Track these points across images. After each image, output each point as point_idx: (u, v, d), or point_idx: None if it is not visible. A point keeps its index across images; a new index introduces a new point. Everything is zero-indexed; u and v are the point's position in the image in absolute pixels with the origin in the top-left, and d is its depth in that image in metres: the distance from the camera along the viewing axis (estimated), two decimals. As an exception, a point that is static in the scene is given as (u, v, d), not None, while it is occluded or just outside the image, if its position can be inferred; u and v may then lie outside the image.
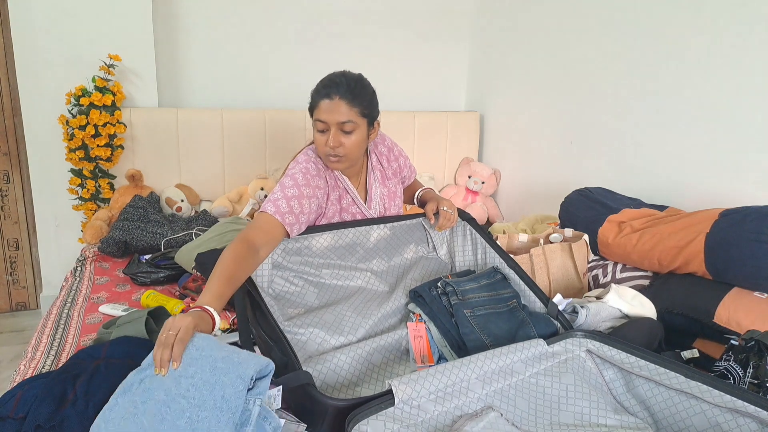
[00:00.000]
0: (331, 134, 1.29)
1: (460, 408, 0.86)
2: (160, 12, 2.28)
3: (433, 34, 2.82)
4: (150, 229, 1.98)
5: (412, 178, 1.66)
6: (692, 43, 1.72)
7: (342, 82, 1.29)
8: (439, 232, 1.47)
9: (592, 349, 1.05)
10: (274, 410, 0.86)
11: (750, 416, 0.84)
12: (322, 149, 1.32)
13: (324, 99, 1.29)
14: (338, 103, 1.27)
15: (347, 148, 1.31)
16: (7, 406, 0.95)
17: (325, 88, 1.30)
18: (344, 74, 1.33)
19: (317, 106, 1.30)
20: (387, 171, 1.54)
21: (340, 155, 1.31)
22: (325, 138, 1.30)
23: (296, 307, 1.21)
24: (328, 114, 1.28)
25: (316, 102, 1.31)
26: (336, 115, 1.28)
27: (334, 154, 1.31)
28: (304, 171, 1.32)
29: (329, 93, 1.28)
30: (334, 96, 1.28)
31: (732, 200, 1.54)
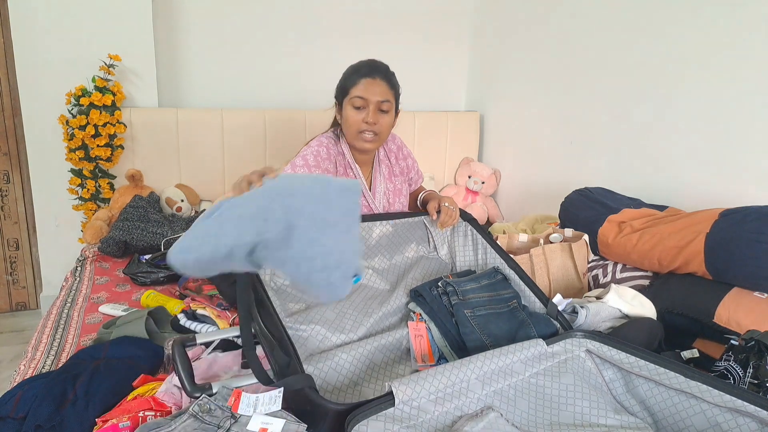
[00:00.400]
0: (371, 111, 1.36)
1: (460, 408, 0.86)
2: (160, 12, 2.28)
3: (433, 35, 2.82)
4: (150, 229, 1.98)
5: (418, 183, 1.69)
6: (692, 43, 1.72)
7: (381, 66, 1.41)
8: (441, 229, 1.48)
9: (592, 349, 1.05)
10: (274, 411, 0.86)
11: (750, 416, 0.84)
12: (357, 126, 1.37)
13: (365, 78, 1.37)
14: (380, 83, 1.37)
15: (382, 126, 1.39)
16: (7, 406, 0.95)
17: (366, 68, 1.39)
18: (379, 60, 1.44)
19: (356, 84, 1.37)
20: (394, 168, 1.57)
21: (376, 132, 1.38)
22: (362, 115, 1.36)
23: (297, 301, 1.22)
24: (369, 92, 1.36)
25: (354, 80, 1.38)
26: (377, 93, 1.36)
27: (370, 130, 1.37)
28: (315, 154, 1.38)
29: (371, 73, 1.38)
30: (376, 76, 1.37)
31: (732, 200, 1.54)
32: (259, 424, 0.83)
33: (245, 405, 0.85)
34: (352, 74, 1.40)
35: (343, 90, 1.41)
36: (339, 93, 1.43)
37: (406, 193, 1.62)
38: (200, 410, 0.84)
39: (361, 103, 1.36)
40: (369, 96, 1.36)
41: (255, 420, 0.83)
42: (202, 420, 0.83)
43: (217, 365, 1.10)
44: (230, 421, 0.83)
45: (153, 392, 1.00)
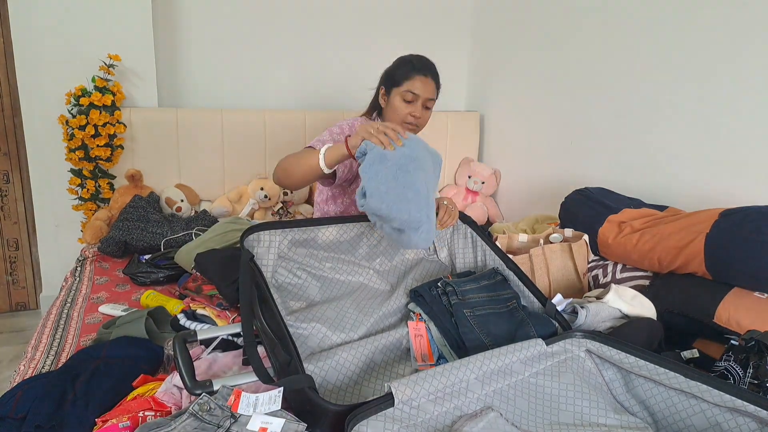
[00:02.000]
0: (419, 106, 1.49)
1: (460, 408, 0.86)
2: (160, 12, 2.28)
3: (433, 35, 2.82)
4: (150, 229, 1.98)
5: None
6: (692, 43, 1.72)
7: (432, 66, 1.53)
8: (440, 229, 1.48)
9: (592, 349, 1.05)
10: (273, 411, 0.86)
11: (749, 415, 0.84)
12: (403, 116, 1.50)
13: (421, 75, 1.49)
14: (431, 83, 1.50)
15: (423, 121, 1.53)
16: (7, 406, 0.95)
17: (423, 66, 1.50)
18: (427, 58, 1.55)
19: (410, 79, 1.48)
20: None
21: (418, 125, 1.52)
22: (410, 108, 1.49)
23: (298, 299, 1.22)
24: (423, 89, 1.48)
25: (410, 75, 1.49)
26: (428, 92, 1.50)
27: (414, 122, 1.51)
28: (350, 125, 1.52)
29: (426, 72, 1.50)
30: (429, 75, 1.50)
31: (732, 200, 1.54)
32: (259, 423, 0.83)
33: (245, 405, 0.85)
34: (407, 68, 1.50)
35: (395, 80, 1.51)
36: (389, 81, 1.54)
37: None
38: (200, 409, 0.84)
39: (412, 98, 1.48)
40: (422, 92, 1.48)
41: (255, 420, 0.83)
42: (201, 419, 0.83)
43: (217, 365, 1.10)
44: (230, 420, 0.84)
45: (153, 392, 1.00)
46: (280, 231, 1.24)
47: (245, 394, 0.86)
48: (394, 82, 1.52)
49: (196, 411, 0.84)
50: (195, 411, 0.84)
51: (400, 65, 1.54)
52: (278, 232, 1.23)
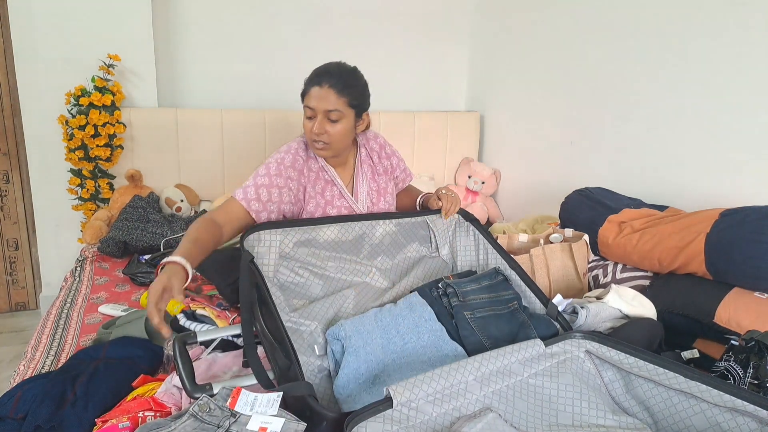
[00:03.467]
0: (318, 121, 1.32)
1: (459, 409, 0.86)
2: (159, 12, 2.28)
3: (433, 34, 2.82)
4: (149, 229, 1.98)
5: (407, 182, 1.66)
6: (692, 43, 1.72)
7: (334, 72, 1.33)
8: (446, 218, 1.47)
9: (591, 349, 1.05)
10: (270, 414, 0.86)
11: (749, 415, 0.84)
12: (309, 135, 1.36)
13: (314, 86, 1.32)
14: (327, 92, 1.31)
15: (331, 136, 1.34)
16: (6, 406, 0.95)
17: (318, 76, 1.33)
18: (339, 64, 1.37)
19: (308, 93, 1.34)
20: (377, 167, 1.55)
21: (325, 142, 1.35)
22: (311, 124, 1.34)
23: (301, 298, 1.22)
24: (317, 101, 1.32)
25: (307, 89, 1.35)
26: (324, 102, 1.31)
27: (319, 140, 1.35)
28: (279, 161, 1.36)
29: (320, 81, 1.32)
30: (324, 84, 1.31)
31: (732, 200, 1.54)
32: (259, 423, 0.83)
33: (243, 403, 0.85)
34: (306, 82, 1.36)
35: (302, 97, 1.38)
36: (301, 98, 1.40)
37: (392, 191, 1.60)
38: (200, 410, 0.84)
39: (310, 113, 1.34)
40: (316, 105, 1.32)
41: (254, 419, 0.83)
42: (201, 420, 0.83)
43: (216, 365, 1.10)
44: (230, 420, 0.84)
45: (152, 392, 1.00)
46: (281, 230, 1.24)
47: (245, 392, 0.86)
48: (302, 98, 1.37)
49: (196, 412, 0.84)
50: (195, 412, 0.84)
51: (305, 80, 1.38)
52: (279, 231, 1.23)
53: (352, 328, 1.06)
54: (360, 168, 1.51)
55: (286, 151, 1.39)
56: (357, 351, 1.02)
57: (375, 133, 1.59)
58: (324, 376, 1.07)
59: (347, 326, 1.07)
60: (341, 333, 1.06)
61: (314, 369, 1.06)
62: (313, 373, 1.05)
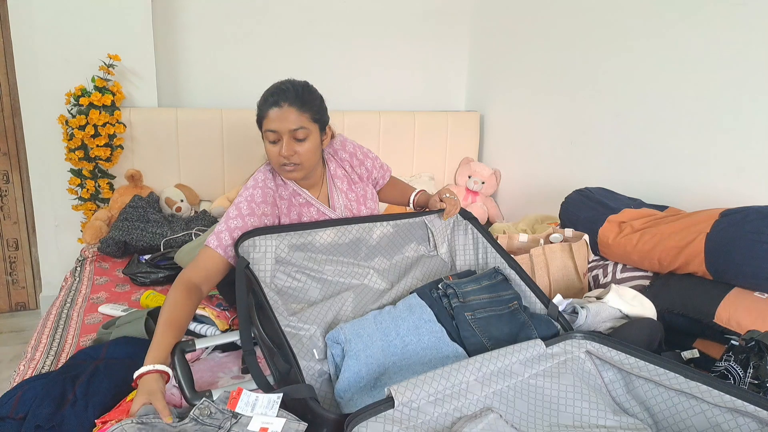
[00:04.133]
0: (285, 143, 1.24)
1: (459, 410, 0.86)
2: (159, 12, 2.28)
3: (433, 34, 2.82)
4: (149, 229, 1.98)
5: (386, 177, 1.60)
6: (692, 43, 1.72)
7: (289, 89, 1.25)
8: (445, 219, 1.47)
9: (592, 350, 1.05)
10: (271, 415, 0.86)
11: (750, 415, 0.84)
12: (276, 160, 1.27)
13: (272, 108, 1.24)
14: (288, 111, 1.23)
15: (302, 155, 1.26)
16: (6, 406, 0.95)
17: (273, 96, 1.25)
18: (290, 81, 1.29)
19: (266, 117, 1.25)
20: (352, 176, 1.49)
21: (296, 163, 1.27)
22: (278, 148, 1.25)
23: (299, 302, 1.21)
24: (279, 123, 1.23)
25: (264, 112, 1.26)
26: (286, 123, 1.23)
27: (289, 162, 1.26)
28: (249, 199, 1.28)
29: (277, 101, 1.23)
30: (283, 103, 1.23)
31: (732, 200, 1.54)
32: (260, 423, 0.83)
33: (243, 403, 0.85)
34: (260, 105, 1.28)
35: (258, 122, 1.30)
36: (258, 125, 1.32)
37: (372, 195, 1.54)
38: (200, 414, 0.84)
39: (274, 137, 1.25)
40: (278, 128, 1.23)
41: (255, 420, 0.83)
42: (203, 423, 0.83)
43: (216, 366, 1.10)
44: (231, 421, 0.84)
45: (152, 393, 0.99)
46: (276, 235, 1.22)
47: (246, 392, 0.86)
48: (258, 125, 1.30)
49: (197, 416, 0.84)
50: (196, 416, 0.84)
51: (258, 104, 1.30)
52: (274, 236, 1.21)
53: (352, 332, 1.06)
54: (332, 184, 1.45)
55: (254, 186, 1.31)
56: (357, 354, 1.02)
57: (342, 140, 1.51)
58: (324, 380, 1.06)
59: (347, 330, 1.07)
60: (341, 337, 1.06)
61: (314, 373, 1.06)
62: (314, 378, 1.05)
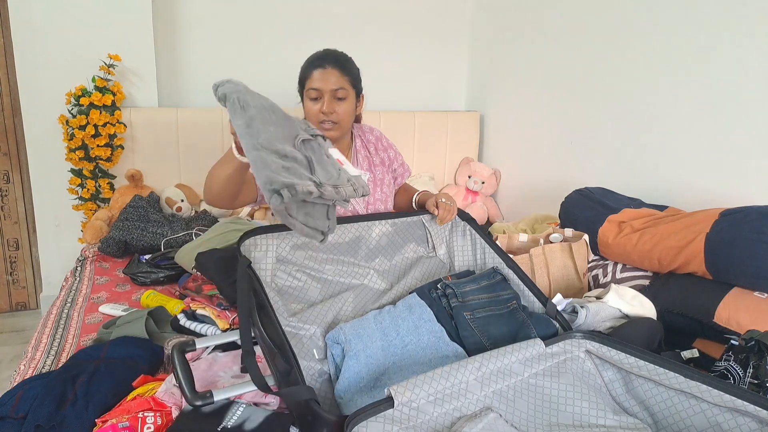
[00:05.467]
0: (326, 101, 1.37)
1: (459, 409, 0.86)
2: (160, 12, 2.28)
3: (433, 34, 2.82)
4: (150, 229, 1.98)
5: (405, 177, 1.68)
6: (692, 43, 1.72)
7: (332, 55, 1.41)
8: (440, 225, 1.47)
9: (591, 349, 1.05)
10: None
11: (750, 415, 0.84)
12: (316, 117, 1.38)
13: (317, 69, 1.38)
14: (331, 72, 1.37)
15: (340, 114, 1.39)
16: (7, 406, 0.95)
17: (318, 60, 1.39)
18: (333, 50, 1.44)
19: (309, 77, 1.39)
20: (374, 158, 1.58)
21: (334, 122, 1.39)
22: (318, 106, 1.37)
23: (299, 302, 1.22)
24: (322, 82, 1.37)
25: (307, 73, 1.39)
26: (329, 83, 1.37)
27: (328, 119, 1.38)
28: None
29: (322, 63, 1.38)
30: (327, 65, 1.38)
31: (732, 200, 1.54)
32: (338, 155, 1.02)
33: None
34: (304, 68, 1.42)
35: (300, 83, 1.43)
36: (299, 87, 1.45)
37: (390, 184, 1.61)
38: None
39: (316, 95, 1.38)
40: (322, 86, 1.37)
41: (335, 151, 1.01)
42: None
43: (216, 365, 1.10)
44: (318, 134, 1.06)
45: (153, 392, 1.00)
46: (277, 234, 1.23)
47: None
48: (301, 85, 1.44)
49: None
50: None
51: (301, 68, 1.44)
52: (275, 235, 1.22)
53: (352, 332, 1.06)
54: (356, 157, 1.54)
55: None
56: (357, 354, 1.02)
57: (371, 126, 1.62)
58: (324, 380, 1.06)
59: (347, 330, 1.07)
60: (341, 337, 1.06)
61: (314, 373, 1.06)
62: (314, 378, 1.05)
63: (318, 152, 1.01)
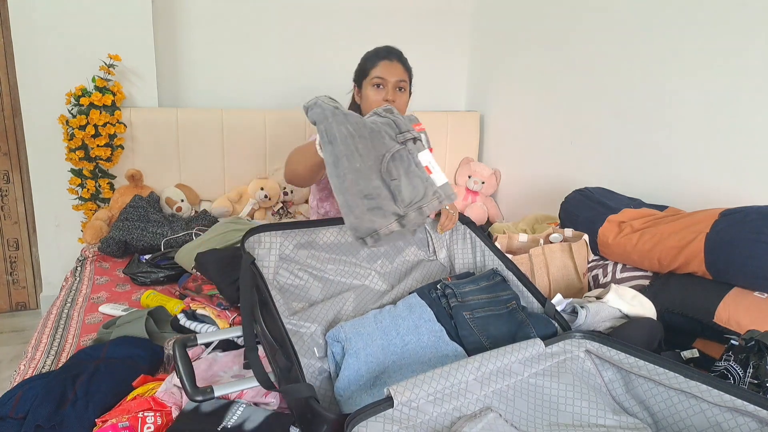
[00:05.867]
0: (389, 89, 1.49)
1: (459, 409, 0.86)
2: (160, 12, 2.28)
3: (434, 34, 2.82)
4: (150, 229, 1.98)
5: None
6: (692, 43, 1.72)
7: (396, 51, 1.54)
8: (440, 233, 1.48)
9: (591, 349, 1.05)
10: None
11: (750, 415, 0.84)
12: (378, 103, 1.47)
13: (384, 60, 1.50)
14: (396, 65, 1.51)
15: (398, 104, 1.50)
16: (7, 406, 0.95)
17: (385, 52, 1.52)
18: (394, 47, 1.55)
19: (375, 66, 1.50)
20: None
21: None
22: (381, 94, 1.49)
23: (300, 300, 1.22)
24: (388, 72, 1.49)
25: (374, 63, 1.50)
26: (394, 75, 1.49)
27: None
28: None
29: (389, 56, 1.51)
30: (393, 59, 1.51)
31: (732, 200, 1.54)
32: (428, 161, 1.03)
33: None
34: (371, 58, 1.53)
35: (363, 72, 1.53)
36: (358, 75, 1.56)
37: None
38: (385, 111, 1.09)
39: (381, 82, 1.49)
40: (387, 76, 1.48)
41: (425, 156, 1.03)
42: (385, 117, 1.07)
43: (217, 365, 1.10)
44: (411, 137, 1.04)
45: (153, 392, 1.00)
46: (281, 232, 1.24)
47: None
48: (363, 74, 1.54)
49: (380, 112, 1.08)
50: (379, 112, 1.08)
51: (365, 57, 1.56)
52: (279, 233, 1.24)
53: (352, 330, 1.06)
54: None
55: None
56: (357, 353, 1.02)
57: None
58: (324, 378, 1.07)
59: (347, 328, 1.07)
60: (341, 335, 1.06)
61: (315, 371, 1.06)
62: (314, 375, 1.06)
63: (407, 162, 1.01)
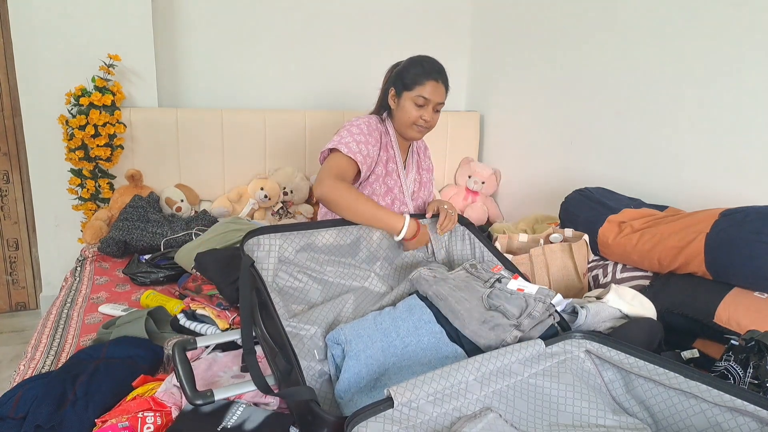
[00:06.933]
0: (430, 110, 1.52)
1: (459, 409, 0.86)
2: (160, 12, 2.28)
3: (433, 34, 2.82)
4: (150, 229, 1.98)
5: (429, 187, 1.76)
6: (692, 43, 1.72)
7: (443, 70, 1.54)
8: (440, 234, 1.48)
9: (591, 349, 1.05)
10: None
11: (750, 415, 0.84)
12: (415, 120, 1.52)
13: (432, 80, 1.50)
14: (441, 87, 1.52)
15: (433, 123, 1.55)
16: (6, 406, 0.95)
17: (435, 72, 1.51)
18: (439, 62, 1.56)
19: (423, 84, 1.49)
20: (422, 162, 1.72)
21: (427, 127, 1.55)
22: (421, 112, 1.51)
23: (300, 303, 1.22)
24: (434, 94, 1.50)
25: (422, 81, 1.50)
26: (439, 96, 1.51)
27: (425, 126, 1.53)
28: (368, 124, 1.53)
29: (437, 77, 1.51)
30: (440, 80, 1.51)
31: (732, 200, 1.54)
32: (517, 285, 1.13)
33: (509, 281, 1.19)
34: (420, 73, 1.51)
35: (406, 84, 1.52)
36: (399, 84, 1.53)
37: (428, 188, 1.75)
38: (471, 268, 1.22)
39: (423, 102, 1.50)
40: (433, 98, 1.50)
41: (513, 283, 1.13)
42: (472, 274, 1.20)
43: (216, 365, 1.10)
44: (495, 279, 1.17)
45: (152, 392, 1.00)
46: (280, 235, 1.24)
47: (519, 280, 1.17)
48: (405, 85, 1.52)
49: (467, 267, 1.22)
50: (466, 268, 1.22)
51: (411, 68, 1.53)
52: (278, 236, 1.23)
53: (352, 332, 1.06)
54: (412, 156, 1.67)
55: (369, 119, 1.55)
56: (357, 355, 1.02)
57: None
58: (325, 380, 1.07)
59: (347, 330, 1.07)
60: (341, 337, 1.06)
61: (315, 373, 1.06)
62: (314, 378, 1.06)
63: (503, 295, 1.12)
